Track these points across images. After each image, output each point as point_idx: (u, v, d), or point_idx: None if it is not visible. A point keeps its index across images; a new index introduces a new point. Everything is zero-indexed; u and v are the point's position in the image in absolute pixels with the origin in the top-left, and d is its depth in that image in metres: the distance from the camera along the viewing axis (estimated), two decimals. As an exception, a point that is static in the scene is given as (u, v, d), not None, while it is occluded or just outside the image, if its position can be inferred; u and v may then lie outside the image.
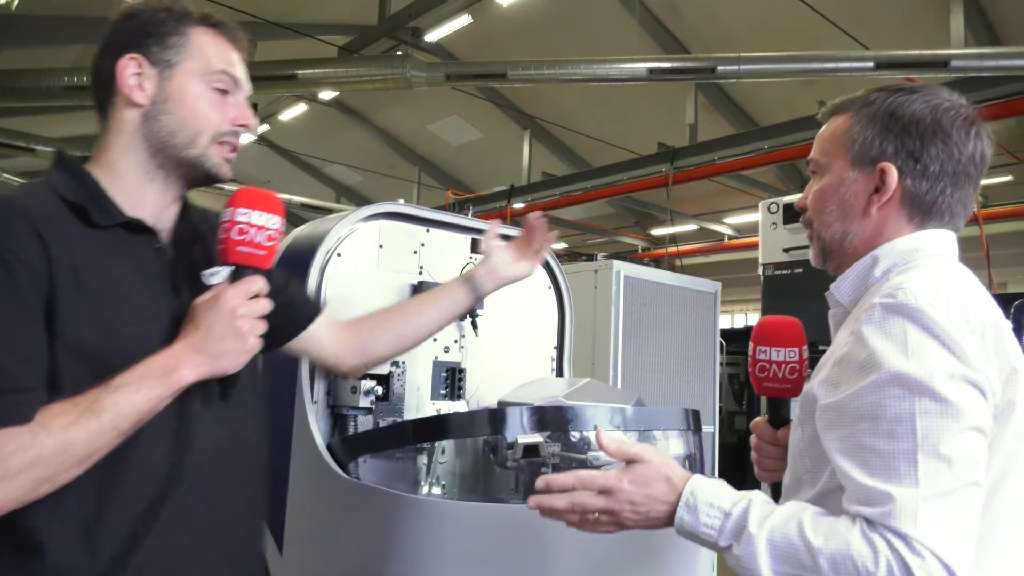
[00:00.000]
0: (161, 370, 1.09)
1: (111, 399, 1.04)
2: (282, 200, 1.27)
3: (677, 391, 4.16)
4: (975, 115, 1.22)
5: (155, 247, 1.22)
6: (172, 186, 1.26)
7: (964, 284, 1.13)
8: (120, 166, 1.22)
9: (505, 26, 10.78)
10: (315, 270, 1.95)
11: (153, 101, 1.21)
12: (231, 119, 1.27)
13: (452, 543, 1.57)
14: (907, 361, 1.02)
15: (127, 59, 1.21)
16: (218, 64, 1.26)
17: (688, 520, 1.11)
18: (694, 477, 1.15)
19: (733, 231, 15.05)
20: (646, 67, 7.38)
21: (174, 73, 1.22)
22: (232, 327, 1.13)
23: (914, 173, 1.19)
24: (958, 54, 6.53)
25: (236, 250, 1.17)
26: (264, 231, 1.19)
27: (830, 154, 1.27)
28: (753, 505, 1.07)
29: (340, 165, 16.48)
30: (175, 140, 1.22)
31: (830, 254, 1.28)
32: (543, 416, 1.67)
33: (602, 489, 1.15)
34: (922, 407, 1.00)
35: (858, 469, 1.03)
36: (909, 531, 0.95)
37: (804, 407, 1.19)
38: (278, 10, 9.46)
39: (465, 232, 2.31)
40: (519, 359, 2.39)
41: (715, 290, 4.44)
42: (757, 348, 1.40)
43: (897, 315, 1.05)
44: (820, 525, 1.02)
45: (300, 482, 1.85)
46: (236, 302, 1.14)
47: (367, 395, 1.91)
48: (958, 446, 0.99)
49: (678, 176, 9.06)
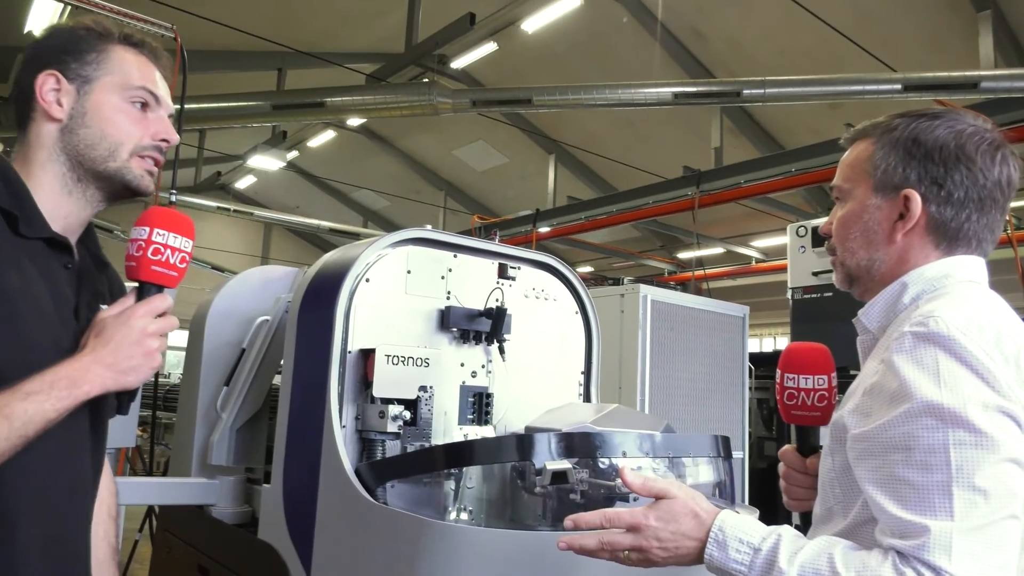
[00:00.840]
0: (69, 381, 1.10)
1: (22, 406, 1.05)
2: (310, 225, 1.29)
3: (705, 416, 4.12)
4: (1001, 140, 1.21)
5: (67, 266, 1.25)
6: (89, 201, 1.28)
7: (996, 312, 1.11)
8: (40, 178, 1.23)
9: (530, 53, 10.89)
10: (344, 296, 1.97)
11: (71, 115, 1.24)
12: (152, 133, 1.29)
13: (479, 570, 1.56)
14: (939, 391, 1.00)
15: (45, 75, 1.24)
16: (137, 80, 1.28)
17: (718, 556, 1.09)
18: (723, 512, 1.13)
19: (760, 254, 14.94)
20: (671, 91, 7.40)
21: (92, 88, 1.25)
22: (142, 344, 1.17)
23: (938, 200, 1.18)
24: (988, 75, 6.47)
25: (151, 268, 1.21)
26: (178, 253, 1.24)
27: (853, 180, 1.26)
28: (783, 540, 1.06)
29: (367, 190, 16.68)
30: (93, 153, 1.24)
31: (856, 280, 1.27)
32: (571, 442, 1.66)
33: (629, 527, 1.14)
34: (956, 438, 0.98)
35: (891, 501, 1.01)
36: (943, 564, 0.94)
37: (834, 436, 1.18)
38: (307, 40, 9.66)
39: (492, 257, 2.32)
40: (546, 384, 2.38)
41: (743, 314, 4.40)
42: (785, 375, 1.39)
43: (929, 344, 1.04)
44: (851, 560, 1.00)
45: (328, 506, 1.86)
46: (146, 320, 1.18)
47: (395, 420, 1.92)
48: (994, 478, 0.97)
49: (704, 199, 9.03)
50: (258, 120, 8.53)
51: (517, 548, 1.60)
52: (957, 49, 8.56)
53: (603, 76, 9.05)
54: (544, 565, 1.59)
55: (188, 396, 2.52)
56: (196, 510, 2.36)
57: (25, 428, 1.06)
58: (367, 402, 1.96)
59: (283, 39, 8.56)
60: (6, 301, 1.10)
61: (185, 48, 4.34)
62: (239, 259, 16.51)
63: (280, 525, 2.00)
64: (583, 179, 13.97)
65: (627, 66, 10.22)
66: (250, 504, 2.33)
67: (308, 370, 2.02)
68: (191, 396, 2.49)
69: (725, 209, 10.73)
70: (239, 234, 19.06)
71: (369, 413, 1.94)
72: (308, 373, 2.02)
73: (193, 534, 2.48)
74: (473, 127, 12.98)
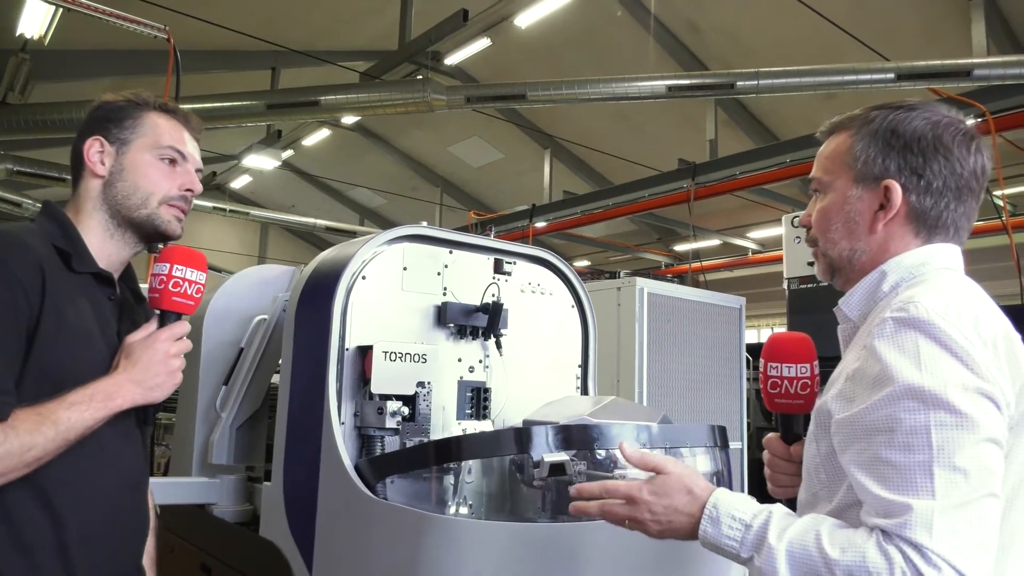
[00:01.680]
0: (105, 395, 1.31)
1: (66, 414, 1.25)
2: (306, 223, 1.43)
3: (704, 407, 4.14)
4: (974, 130, 1.25)
5: (111, 298, 1.47)
6: (128, 243, 1.50)
7: (974, 297, 1.14)
8: (88, 225, 1.46)
9: (524, 48, 10.88)
10: (341, 293, 1.98)
11: (111, 172, 1.48)
12: (179, 185, 1.51)
13: (480, 562, 1.57)
14: (920, 374, 1.02)
15: (91, 140, 1.49)
16: (167, 140, 1.51)
17: (711, 532, 1.13)
18: (718, 490, 1.16)
19: (757, 245, 14.95)
20: (665, 84, 7.40)
21: (129, 148, 1.49)
22: (166, 364, 1.40)
23: (918, 189, 1.21)
24: (981, 63, 6.48)
25: (171, 299, 1.43)
26: (194, 285, 1.46)
27: (832, 172, 1.28)
28: (773, 517, 1.09)
29: (363, 188, 16.66)
30: (128, 202, 1.47)
31: (838, 271, 1.29)
32: (569, 435, 1.67)
33: (625, 498, 1.20)
34: (937, 419, 1.00)
35: (875, 482, 1.03)
36: (924, 542, 0.96)
37: (818, 422, 1.20)
38: (300, 39, 9.64)
39: (488, 253, 2.33)
40: (543, 378, 2.40)
41: (740, 305, 4.41)
42: (768, 364, 1.41)
43: (909, 328, 1.06)
44: (837, 537, 1.03)
45: (329, 503, 1.87)
46: (168, 344, 1.41)
47: (393, 416, 1.93)
48: (974, 458, 0.99)
49: (700, 192, 9.04)
50: (253, 120, 8.51)
51: (517, 540, 1.62)
52: (951, 37, 8.56)
53: (597, 70, 9.03)
54: (544, 557, 1.60)
55: (187, 396, 2.53)
56: (197, 509, 2.37)
57: (68, 432, 1.25)
58: (365, 399, 1.97)
59: (276, 38, 8.55)
60: (67, 327, 1.31)
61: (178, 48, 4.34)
62: (236, 259, 16.49)
63: (281, 522, 2.01)
64: (579, 173, 13.96)
65: (622, 60, 10.20)
66: (251, 502, 2.35)
67: (306, 368, 2.03)
68: (190, 396, 2.50)
69: (721, 201, 10.73)
70: (236, 234, 19.02)
71: (368, 409, 1.95)
72: (306, 371, 2.03)
73: (195, 533, 2.49)
74: (468, 123, 12.96)
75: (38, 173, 9.45)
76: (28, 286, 1.26)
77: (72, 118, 7.81)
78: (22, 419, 1.21)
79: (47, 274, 1.30)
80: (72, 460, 1.29)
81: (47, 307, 1.28)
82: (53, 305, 1.29)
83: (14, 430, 1.19)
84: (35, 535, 1.27)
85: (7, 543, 1.24)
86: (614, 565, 1.67)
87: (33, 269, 1.28)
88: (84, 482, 1.34)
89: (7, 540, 1.24)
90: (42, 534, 1.27)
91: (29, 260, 1.29)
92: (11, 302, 1.24)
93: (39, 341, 1.27)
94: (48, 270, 1.31)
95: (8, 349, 1.23)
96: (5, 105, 8.16)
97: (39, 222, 1.44)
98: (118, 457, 1.41)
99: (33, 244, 1.33)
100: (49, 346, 1.28)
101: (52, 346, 1.29)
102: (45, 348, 1.28)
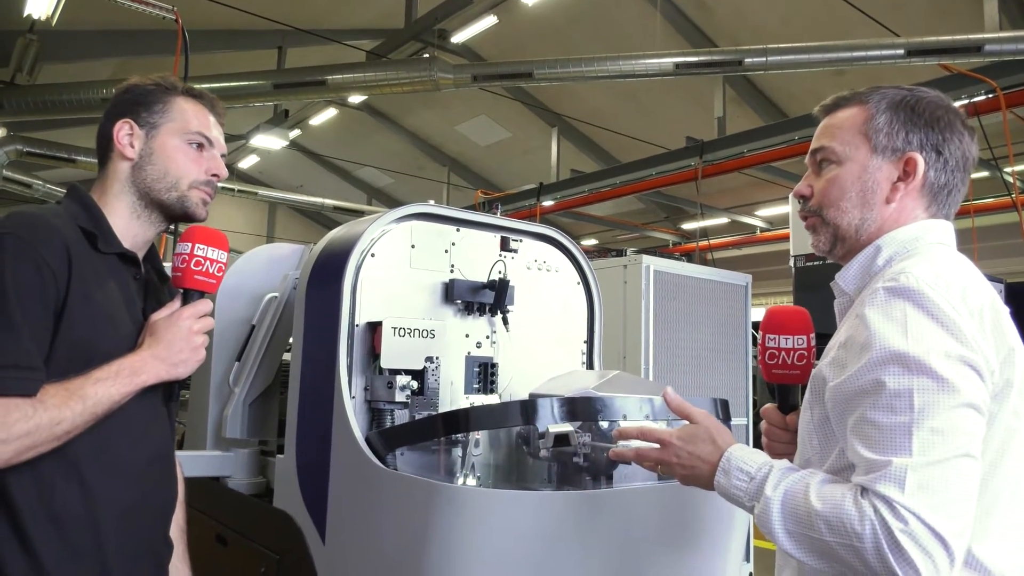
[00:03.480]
0: (130, 371, 1.35)
1: (93, 389, 1.29)
2: (314, 203, 1.44)
3: (710, 384, 4.17)
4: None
5: (136, 277, 1.51)
6: (153, 223, 1.53)
7: (963, 269, 1.19)
8: (114, 206, 1.49)
9: (530, 26, 10.82)
10: (350, 271, 2.02)
11: (140, 155, 1.50)
12: (206, 169, 1.54)
13: (489, 530, 1.62)
14: (906, 341, 1.07)
15: (121, 123, 1.50)
16: (195, 126, 1.53)
17: (723, 482, 1.22)
18: (735, 444, 1.25)
19: (766, 223, 14.91)
20: (672, 62, 7.37)
21: (158, 132, 1.51)
22: (189, 341, 1.43)
23: (936, 166, 1.26)
24: (992, 38, 6.42)
25: (194, 278, 1.47)
26: (216, 264, 1.50)
27: (847, 142, 1.30)
28: (773, 470, 1.17)
29: (371, 168, 16.66)
30: (158, 185, 1.50)
31: (841, 241, 1.32)
32: (573, 406, 1.71)
33: (658, 441, 1.32)
34: (920, 384, 1.05)
35: (860, 443, 1.09)
36: (893, 496, 1.01)
37: (813, 389, 1.25)
38: (307, 18, 9.61)
39: (494, 230, 2.36)
40: (550, 353, 2.43)
41: (746, 282, 4.43)
42: (767, 336, 1.44)
43: (899, 298, 1.11)
44: (824, 491, 1.09)
45: (340, 475, 1.92)
46: (191, 321, 1.45)
47: (403, 390, 1.97)
48: (952, 420, 1.04)
49: (707, 170, 9.03)
50: (260, 100, 8.53)
51: (526, 508, 1.66)
52: (962, 12, 8.48)
53: (605, 48, 8.99)
54: (551, 524, 1.65)
55: (201, 372, 2.58)
56: (212, 482, 2.43)
57: (95, 407, 1.30)
58: (375, 373, 2.01)
59: (282, 17, 8.53)
60: (94, 306, 1.35)
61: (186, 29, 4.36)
62: (245, 239, 16.57)
63: (295, 493, 2.06)
64: (586, 152, 13.93)
65: (629, 38, 10.14)
66: (264, 475, 2.40)
67: (317, 344, 2.08)
68: (204, 372, 2.55)
69: (729, 179, 10.71)
70: (244, 214, 19.08)
71: (377, 384, 2.00)
72: (317, 347, 2.07)
73: (210, 505, 2.55)
74: (475, 102, 12.93)
75: (47, 154, 9.51)
76: (55, 267, 1.29)
77: (80, 98, 7.84)
78: (51, 394, 1.25)
79: (73, 255, 1.33)
80: (102, 436, 1.34)
81: (74, 287, 1.31)
82: (80, 285, 1.33)
83: (43, 404, 1.23)
84: (67, 508, 1.31)
85: (41, 515, 1.28)
86: (620, 533, 1.72)
87: (60, 250, 1.31)
88: (114, 457, 1.38)
89: (41, 512, 1.28)
90: (74, 507, 1.32)
91: (56, 242, 1.32)
92: (39, 283, 1.27)
93: (67, 320, 1.30)
94: (74, 251, 1.34)
95: (37, 328, 1.27)
96: (14, 86, 8.20)
97: (65, 204, 1.46)
98: (146, 432, 1.45)
99: (59, 226, 1.36)
100: (77, 325, 1.32)
101: (80, 325, 1.32)
102: (73, 327, 1.31)
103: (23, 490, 1.27)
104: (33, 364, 1.25)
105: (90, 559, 1.33)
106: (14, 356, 1.23)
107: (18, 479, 1.27)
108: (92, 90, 7.83)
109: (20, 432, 1.20)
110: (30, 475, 1.27)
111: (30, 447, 1.23)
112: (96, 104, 7.78)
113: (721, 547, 1.93)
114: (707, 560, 1.91)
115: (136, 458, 1.43)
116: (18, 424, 1.20)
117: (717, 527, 1.90)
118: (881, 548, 0.99)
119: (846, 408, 1.13)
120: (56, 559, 1.29)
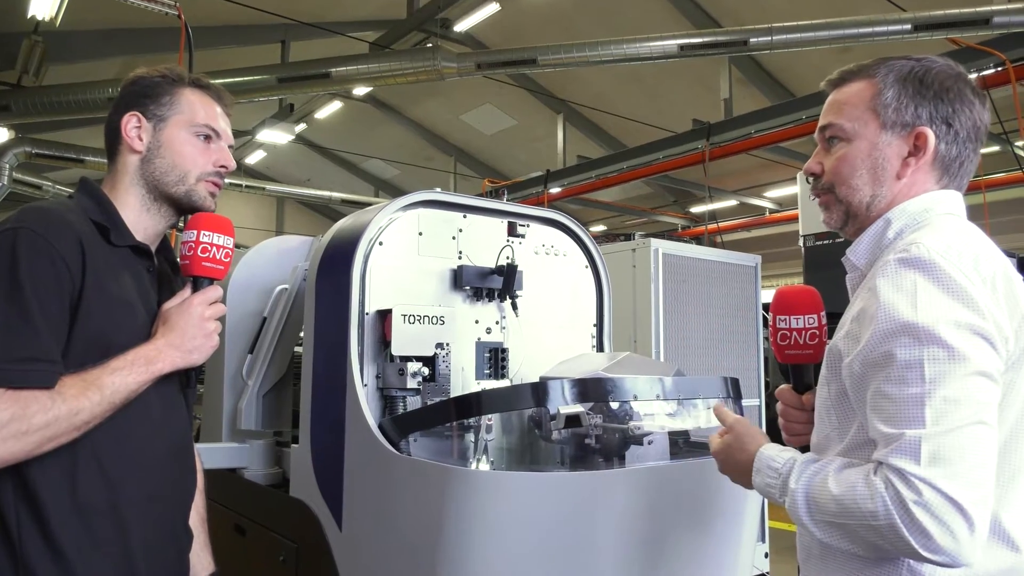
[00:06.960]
0: (145, 360, 1.37)
1: (110, 379, 1.31)
2: (321, 197, 1.44)
3: (721, 366, 4.17)
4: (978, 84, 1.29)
5: (149, 269, 1.52)
6: (164, 216, 1.54)
7: (974, 238, 1.18)
8: (125, 199, 1.50)
9: (533, 12, 10.77)
10: (359, 260, 2.03)
11: (148, 148, 1.50)
12: (213, 161, 1.54)
13: (504, 512, 1.63)
14: (915, 312, 1.06)
15: (129, 115, 1.50)
16: (202, 118, 1.53)
17: (757, 482, 1.24)
18: (763, 445, 1.27)
19: (775, 204, 14.83)
20: (677, 43, 7.32)
21: (166, 125, 1.51)
22: (202, 328, 1.45)
23: (947, 138, 1.24)
24: (1000, 10, 6.34)
25: (202, 264, 1.48)
26: (223, 250, 1.51)
27: (856, 119, 1.28)
28: (796, 463, 1.18)
29: (377, 160, 16.67)
30: (167, 178, 1.50)
31: (853, 217, 1.31)
32: (584, 388, 1.72)
33: (723, 432, 1.40)
34: (930, 354, 1.04)
35: (877, 418, 1.08)
36: (907, 467, 1.00)
37: (829, 365, 1.24)
38: (309, 11, 9.60)
39: (501, 216, 2.36)
40: (560, 337, 2.44)
41: (755, 263, 4.42)
42: (777, 318, 1.44)
43: (910, 268, 1.10)
44: (841, 475, 1.09)
45: (355, 461, 1.93)
46: (202, 308, 1.46)
47: (414, 376, 1.99)
48: (964, 389, 1.03)
49: (715, 152, 8.97)
50: (264, 94, 8.52)
51: (540, 490, 1.67)
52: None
53: (608, 32, 8.92)
54: (566, 505, 1.66)
55: (215, 366, 2.60)
56: (229, 473, 2.45)
57: (113, 396, 1.32)
58: (387, 361, 2.03)
59: (285, 11, 8.53)
60: (109, 299, 1.37)
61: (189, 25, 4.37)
62: (253, 234, 16.55)
63: (310, 482, 2.09)
64: (592, 138, 13.87)
65: (633, 21, 10.07)
66: (280, 465, 2.42)
67: (328, 333, 2.09)
68: (218, 365, 2.57)
69: (737, 161, 10.66)
70: (252, 209, 19.14)
71: (389, 371, 2.01)
72: (329, 336, 2.09)
73: (228, 496, 2.58)
74: (480, 91, 12.88)
75: (56, 155, 9.56)
76: (70, 261, 1.31)
77: (86, 98, 7.86)
78: (69, 385, 1.27)
79: (87, 249, 1.34)
80: (122, 426, 1.36)
81: (89, 280, 1.33)
82: (95, 278, 1.34)
83: (61, 395, 1.25)
84: (90, 499, 1.33)
85: (64, 506, 1.30)
86: (633, 513, 1.73)
87: (74, 244, 1.33)
88: (134, 447, 1.40)
89: (64, 503, 1.30)
90: (96, 497, 1.34)
91: (69, 236, 1.33)
92: (54, 276, 1.29)
93: (83, 313, 1.32)
94: (88, 245, 1.35)
95: (54, 321, 1.28)
96: (20, 88, 8.23)
97: (77, 198, 1.47)
98: (164, 422, 1.47)
99: (72, 220, 1.37)
100: (93, 317, 1.33)
101: (96, 317, 1.33)
102: (89, 319, 1.32)
103: (46, 482, 1.29)
104: (51, 356, 1.27)
105: (113, 549, 1.35)
106: (32, 349, 1.24)
107: (41, 471, 1.28)
108: (98, 90, 7.85)
109: (40, 424, 1.22)
110: (53, 466, 1.29)
111: (50, 438, 1.25)
112: (102, 104, 7.79)
113: (736, 525, 1.94)
114: (722, 539, 1.92)
115: (156, 447, 1.45)
116: (37, 416, 1.22)
117: (732, 506, 1.90)
118: (894, 522, 0.99)
119: (862, 381, 1.13)
120: (79, 549, 1.30)
